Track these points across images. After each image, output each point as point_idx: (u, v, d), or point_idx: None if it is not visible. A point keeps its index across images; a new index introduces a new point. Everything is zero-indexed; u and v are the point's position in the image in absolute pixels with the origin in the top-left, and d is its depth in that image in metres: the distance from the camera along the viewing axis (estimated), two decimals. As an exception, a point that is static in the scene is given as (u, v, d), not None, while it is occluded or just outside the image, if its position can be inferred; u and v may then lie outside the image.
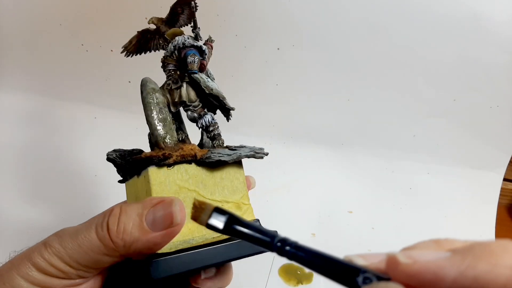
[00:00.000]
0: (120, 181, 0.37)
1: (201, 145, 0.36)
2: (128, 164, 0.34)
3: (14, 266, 0.25)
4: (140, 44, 0.39)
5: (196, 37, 0.35)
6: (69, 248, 0.25)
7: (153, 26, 0.36)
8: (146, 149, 0.34)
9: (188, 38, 0.34)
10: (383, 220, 0.64)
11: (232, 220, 0.20)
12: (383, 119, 0.74)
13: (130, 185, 0.34)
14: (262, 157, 0.33)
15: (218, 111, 0.36)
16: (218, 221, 0.20)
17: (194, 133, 0.36)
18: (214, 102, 0.35)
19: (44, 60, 0.72)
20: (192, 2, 0.34)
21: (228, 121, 0.36)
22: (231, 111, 0.35)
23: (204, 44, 0.35)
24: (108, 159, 0.37)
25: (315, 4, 0.65)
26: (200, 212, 0.21)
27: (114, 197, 0.37)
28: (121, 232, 0.25)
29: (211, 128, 0.34)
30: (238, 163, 0.33)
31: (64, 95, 0.74)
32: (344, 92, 0.72)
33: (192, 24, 0.35)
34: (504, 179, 0.74)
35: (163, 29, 0.36)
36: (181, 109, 0.36)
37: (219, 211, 0.21)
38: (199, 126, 0.35)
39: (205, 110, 0.35)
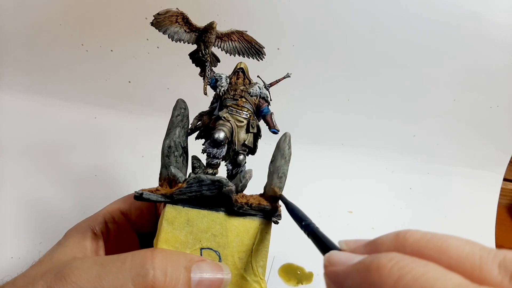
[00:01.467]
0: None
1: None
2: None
3: None
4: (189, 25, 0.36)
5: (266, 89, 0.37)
6: None
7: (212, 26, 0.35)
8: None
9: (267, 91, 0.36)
10: (383, 220, 0.63)
11: (287, 204, 0.31)
12: (383, 119, 0.74)
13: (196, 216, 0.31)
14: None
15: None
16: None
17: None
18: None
19: (44, 60, 0.72)
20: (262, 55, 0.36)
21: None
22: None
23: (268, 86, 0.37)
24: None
25: (315, 4, 0.65)
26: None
27: (114, 197, 0.37)
28: (167, 285, 0.23)
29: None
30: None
31: (64, 95, 0.74)
32: (344, 92, 0.72)
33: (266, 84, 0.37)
34: (504, 179, 0.74)
35: (217, 34, 0.35)
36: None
37: (282, 198, 0.32)
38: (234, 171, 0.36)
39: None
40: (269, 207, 0.31)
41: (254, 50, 0.37)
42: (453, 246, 0.16)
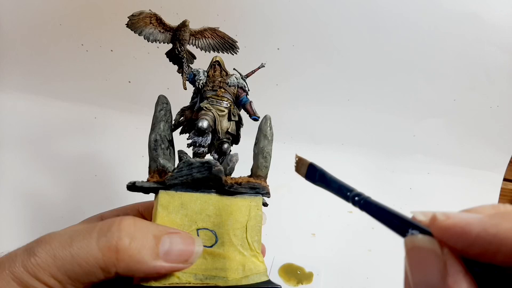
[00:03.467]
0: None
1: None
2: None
3: None
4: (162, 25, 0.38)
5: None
6: (59, 258, 0.22)
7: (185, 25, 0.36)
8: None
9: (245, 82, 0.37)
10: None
11: (322, 175, 0.26)
12: (383, 119, 0.74)
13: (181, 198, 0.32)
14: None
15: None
16: (312, 175, 0.26)
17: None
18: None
19: (44, 60, 0.72)
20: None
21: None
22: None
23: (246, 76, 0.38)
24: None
25: (315, 4, 0.65)
26: (300, 167, 0.27)
27: (114, 197, 0.37)
28: (132, 249, 0.23)
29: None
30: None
31: (64, 95, 0.74)
32: (344, 92, 0.72)
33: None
34: (504, 179, 0.74)
35: (191, 32, 0.37)
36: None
37: (314, 166, 0.26)
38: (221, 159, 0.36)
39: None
40: (258, 185, 0.33)
41: (228, 45, 0.38)
42: None
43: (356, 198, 0.23)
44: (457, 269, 0.16)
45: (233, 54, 0.38)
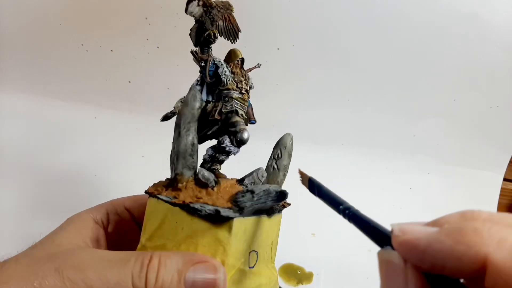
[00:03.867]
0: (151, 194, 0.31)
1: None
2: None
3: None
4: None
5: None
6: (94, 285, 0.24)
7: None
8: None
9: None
10: (383, 220, 0.63)
11: (319, 188, 0.28)
12: (383, 119, 0.74)
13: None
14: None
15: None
16: (312, 188, 0.28)
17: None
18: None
19: (44, 60, 0.72)
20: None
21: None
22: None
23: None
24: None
25: (315, 4, 0.65)
26: (304, 180, 0.29)
27: (114, 197, 0.38)
28: None
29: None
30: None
31: (64, 95, 0.74)
32: (344, 92, 0.72)
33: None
34: (504, 179, 0.74)
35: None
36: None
37: (312, 181, 0.28)
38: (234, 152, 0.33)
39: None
40: (288, 204, 0.33)
41: (233, 32, 0.34)
42: None
43: (346, 211, 0.25)
44: (415, 282, 0.18)
45: (232, 43, 0.33)
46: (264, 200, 0.29)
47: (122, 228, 0.36)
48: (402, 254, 0.18)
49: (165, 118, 0.36)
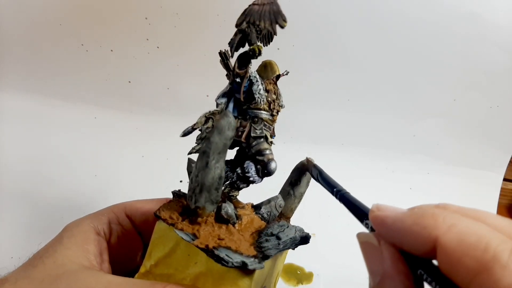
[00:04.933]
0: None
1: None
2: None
3: None
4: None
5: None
6: None
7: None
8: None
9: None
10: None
11: (320, 173, 0.31)
12: (383, 119, 0.74)
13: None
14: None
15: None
16: (314, 173, 0.31)
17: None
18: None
19: (44, 60, 0.72)
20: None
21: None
22: None
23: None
24: None
25: (315, 4, 0.65)
26: (309, 166, 0.32)
27: (114, 197, 0.37)
28: None
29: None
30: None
31: (64, 95, 0.74)
32: (344, 92, 0.72)
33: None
34: (504, 179, 0.74)
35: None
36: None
37: (315, 166, 0.32)
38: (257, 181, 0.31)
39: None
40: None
41: (268, 35, 0.30)
42: (491, 217, 0.18)
43: (338, 193, 0.27)
44: (390, 258, 0.19)
45: (264, 45, 0.30)
46: (289, 246, 0.29)
47: (124, 238, 0.35)
48: (375, 228, 0.20)
49: (186, 133, 0.32)
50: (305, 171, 0.33)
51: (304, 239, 0.30)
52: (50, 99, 0.74)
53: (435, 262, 0.18)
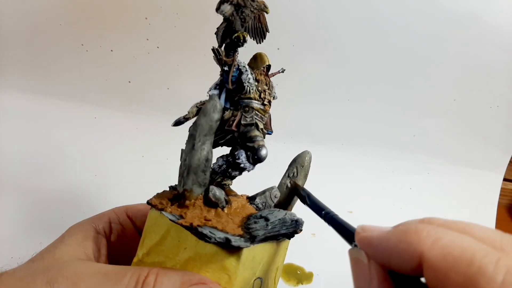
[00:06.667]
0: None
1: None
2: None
3: None
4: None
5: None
6: None
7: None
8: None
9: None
10: (383, 220, 0.63)
11: (308, 196, 0.31)
12: (383, 119, 0.74)
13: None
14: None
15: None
16: (303, 198, 0.31)
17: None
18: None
19: (44, 60, 0.72)
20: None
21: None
22: None
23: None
24: None
25: (315, 4, 0.65)
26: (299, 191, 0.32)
27: (114, 196, 0.37)
28: None
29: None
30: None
31: (64, 95, 0.74)
32: (344, 92, 0.72)
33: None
34: (504, 179, 0.74)
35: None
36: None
37: (304, 191, 0.32)
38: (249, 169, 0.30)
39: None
40: (300, 230, 0.31)
41: (261, 31, 0.31)
42: (476, 229, 0.18)
43: (327, 216, 0.28)
44: (377, 278, 0.19)
45: (257, 43, 0.31)
46: (278, 229, 0.28)
47: (124, 238, 0.35)
48: (363, 249, 0.21)
49: (178, 123, 0.33)
50: (294, 193, 0.33)
51: (296, 223, 0.29)
52: (50, 99, 0.74)
53: (423, 279, 0.18)
